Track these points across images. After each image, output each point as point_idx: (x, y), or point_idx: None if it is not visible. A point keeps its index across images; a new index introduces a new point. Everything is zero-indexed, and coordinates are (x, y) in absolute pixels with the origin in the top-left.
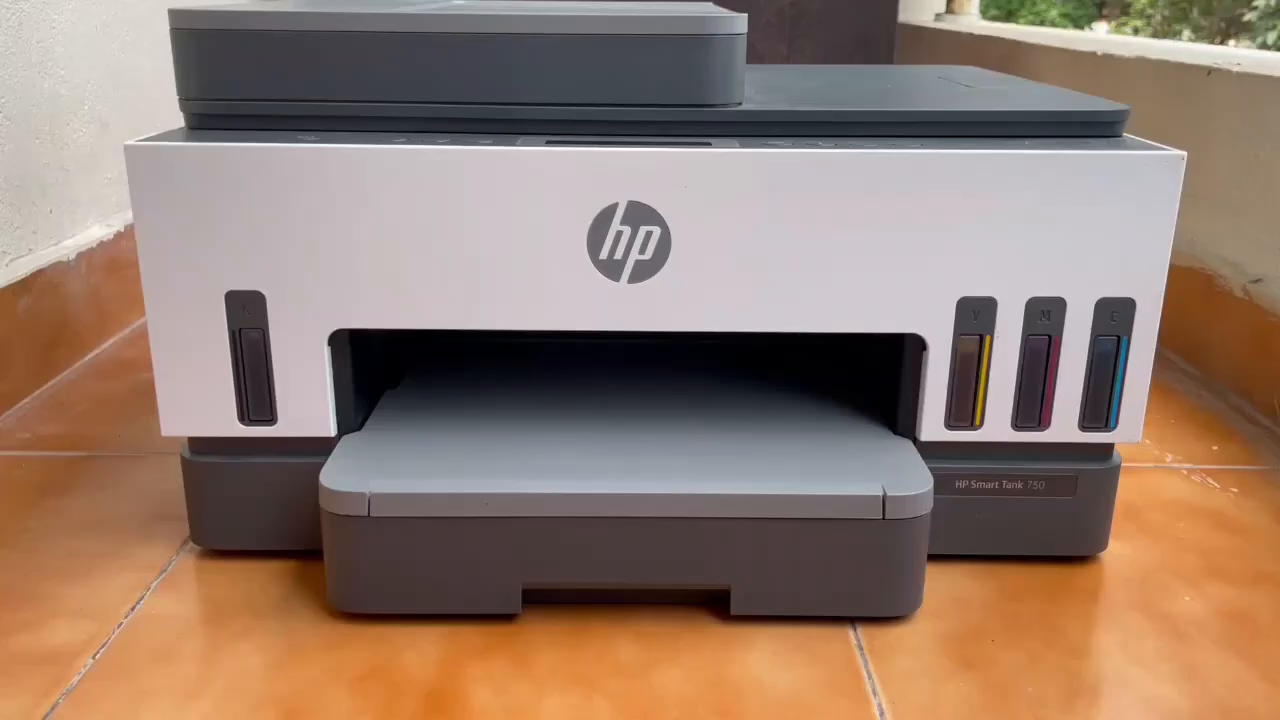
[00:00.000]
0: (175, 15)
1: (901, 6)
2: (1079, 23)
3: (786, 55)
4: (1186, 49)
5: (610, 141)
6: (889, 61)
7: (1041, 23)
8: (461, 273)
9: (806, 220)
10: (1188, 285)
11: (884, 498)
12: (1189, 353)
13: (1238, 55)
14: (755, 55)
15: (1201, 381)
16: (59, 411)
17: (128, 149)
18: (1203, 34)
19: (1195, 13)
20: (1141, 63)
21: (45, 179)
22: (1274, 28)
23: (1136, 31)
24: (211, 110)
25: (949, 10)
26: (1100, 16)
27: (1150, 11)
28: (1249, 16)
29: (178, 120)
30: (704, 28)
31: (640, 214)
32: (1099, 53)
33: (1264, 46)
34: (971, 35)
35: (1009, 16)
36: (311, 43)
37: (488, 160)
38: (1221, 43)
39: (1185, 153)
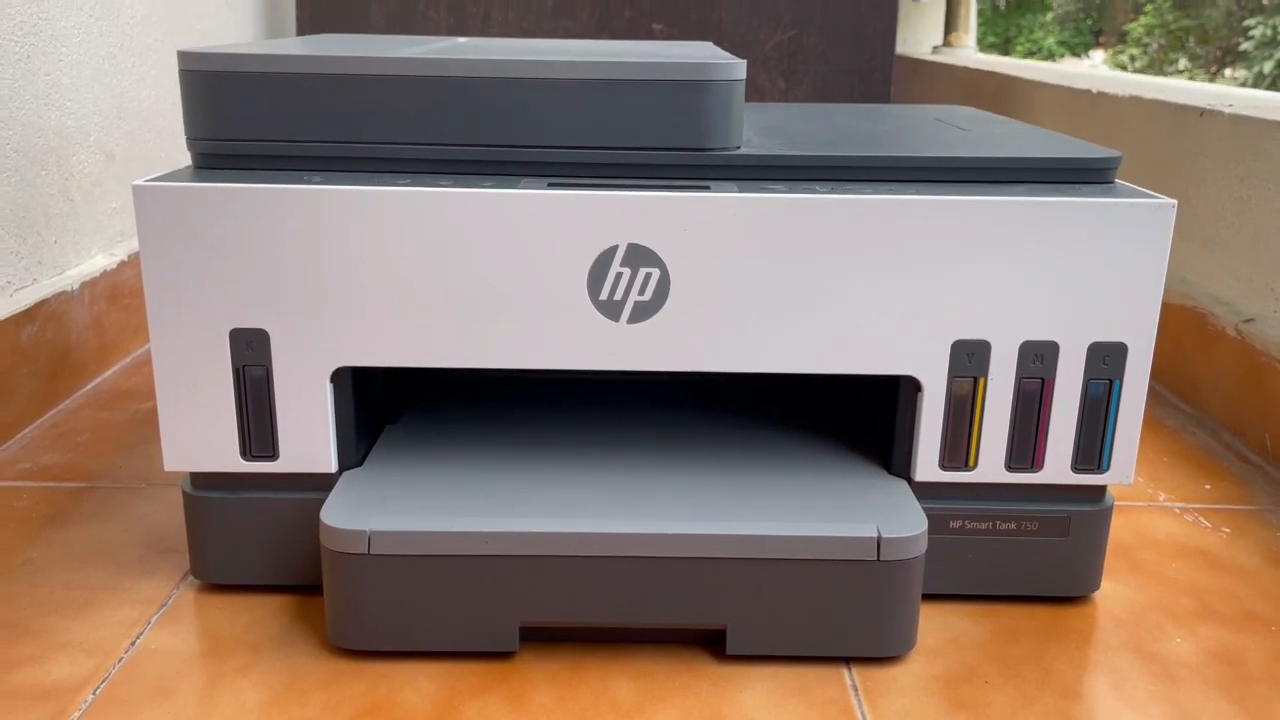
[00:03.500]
0: (184, 57)
1: (900, 38)
2: (1076, 50)
3: (785, 89)
4: (1181, 88)
5: (611, 184)
6: (886, 95)
7: (1038, 50)
8: (463, 312)
9: (803, 264)
10: (1182, 323)
11: (878, 539)
12: (1183, 390)
13: (1231, 96)
14: (754, 89)
15: (1195, 419)
16: (60, 441)
17: (136, 189)
18: (1199, 63)
19: (1191, 41)
20: (1135, 102)
21: (50, 209)
22: (1270, 57)
23: (1133, 59)
24: (218, 150)
25: (946, 43)
26: (1097, 44)
27: (1147, 40)
28: (1245, 46)
29: (181, 149)
30: (703, 74)
31: (640, 256)
32: (1094, 90)
33: (1260, 75)
34: (968, 70)
35: (1006, 44)
36: (317, 85)
37: (490, 202)
38: (1218, 71)
39: (1175, 201)
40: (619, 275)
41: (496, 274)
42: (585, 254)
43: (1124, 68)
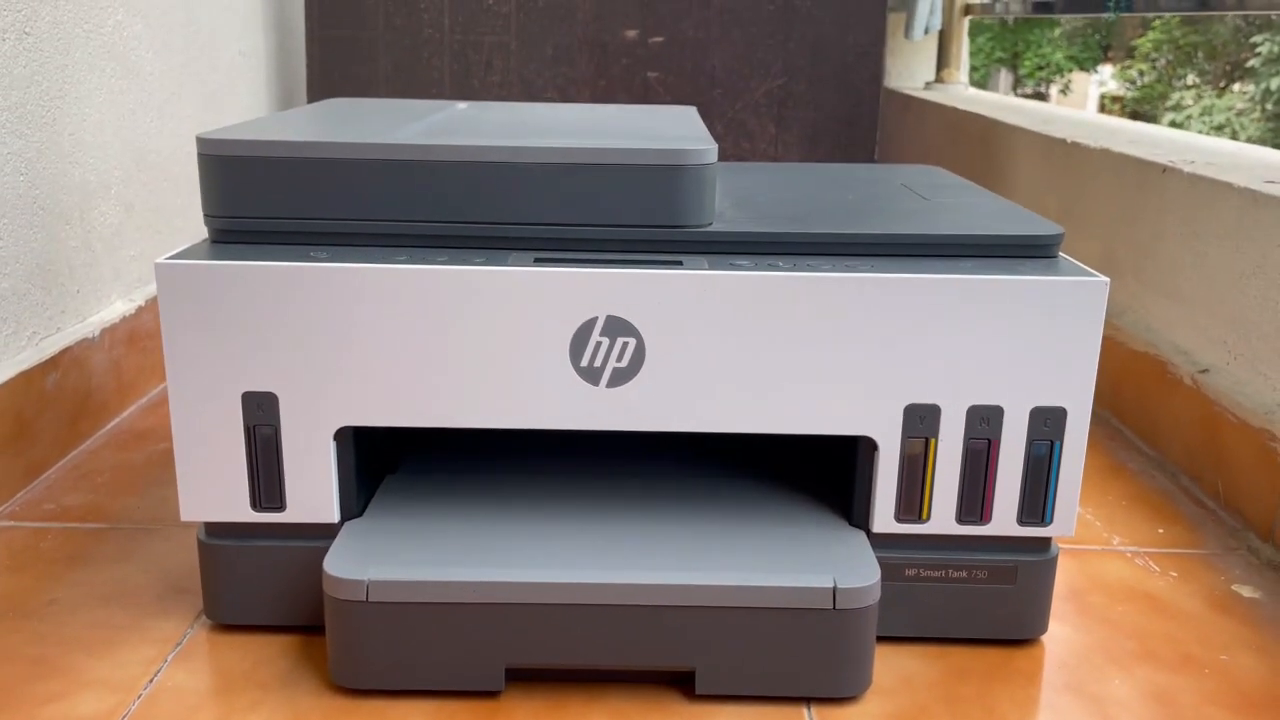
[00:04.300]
0: (203, 143)
1: (895, 72)
2: (1084, 65)
3: (775, 134)
4: (1150, 138)
5: (592, 258)
6: (872, 140)
7: (1046, 64)
8: (455, 377)
9: (768, 334)
10: (1145, 369)
11: (834, 589)
12: (1146, 434)
13: (1195, 148)
14: (746, 133)
15: (1156, 462)
16: (82, 482)
17: (158, 267)
18: (1207, 78)
19: (1200, 57)
20: (1105, 155)
21: (73, 261)
22: (1277, 73)
23: (1142, 74)
24: (232, 226)
25: (939, 79)
26: (1105, 59)
27: (1155, 55)
28: (1252, 62)
29: (192, 192)
30: (677, 159)
31: (618, 327)
32: (1069, 140)
33: (1267, 92)
34: (955, 110)
35: (1015, 58)
36: (324, 168)
37: (481, 279)
38: (1225, 87)
39: (1108, 280)
40: (598, 344)
41: (487, 342)
42: (567, 325)
43: (1132, 82)
